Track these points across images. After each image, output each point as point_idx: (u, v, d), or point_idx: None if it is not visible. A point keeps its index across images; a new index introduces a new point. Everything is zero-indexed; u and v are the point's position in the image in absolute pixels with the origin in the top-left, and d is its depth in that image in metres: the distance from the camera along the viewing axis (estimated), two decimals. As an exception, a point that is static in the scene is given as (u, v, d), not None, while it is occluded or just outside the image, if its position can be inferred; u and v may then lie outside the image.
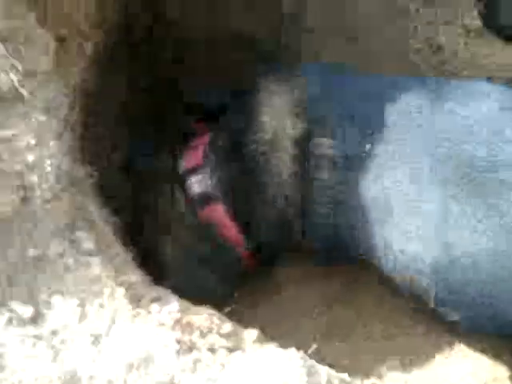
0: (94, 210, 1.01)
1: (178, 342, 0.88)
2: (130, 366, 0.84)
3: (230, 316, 1.03)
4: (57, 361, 0.83)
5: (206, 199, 1.27)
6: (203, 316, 0.97)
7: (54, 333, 0.85)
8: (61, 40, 1.05)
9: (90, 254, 0.93)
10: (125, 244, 1.06)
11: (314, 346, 1.01)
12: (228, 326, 0.98)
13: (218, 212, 1.26)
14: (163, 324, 0.91)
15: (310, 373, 0.91)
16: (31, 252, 0.90)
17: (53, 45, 0.99)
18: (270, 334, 1.00)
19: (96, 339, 0.86)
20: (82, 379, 0.82)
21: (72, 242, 0.92)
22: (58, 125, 0.95)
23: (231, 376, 0.88)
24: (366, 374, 1.08)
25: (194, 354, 0.88)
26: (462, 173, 1.05)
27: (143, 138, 1.44)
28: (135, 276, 0.98)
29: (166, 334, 0.89)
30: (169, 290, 1.01)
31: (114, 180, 1.29)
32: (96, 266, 0.92)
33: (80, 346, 0.85)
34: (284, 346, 0.96)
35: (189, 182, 1.29)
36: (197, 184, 1.28)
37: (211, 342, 0.93)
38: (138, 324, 0.89)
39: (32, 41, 0.96)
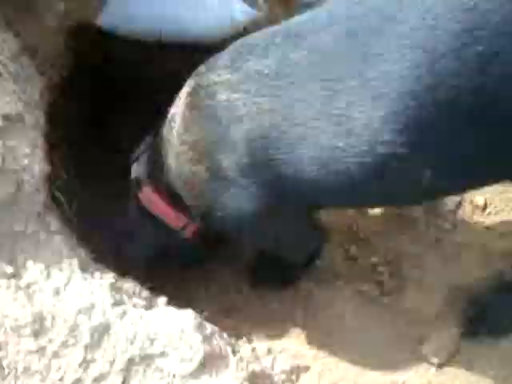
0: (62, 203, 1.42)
1: (113, 298, 1.30)
2: (80, 311, 1.25)
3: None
4: (30, 304, 1.22)
5: (138, 183, 1.50)
6: (131, 284, 1.40)
7: (28, 286, 1.25)
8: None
9: (55, 233, 1.33)
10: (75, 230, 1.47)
11: (205, 313, 1.45)
12: (147, 293, 1.41)
13: (148, 193, 1.48)
14: (103, 286, 1.32)
15: (199, 325, 1.36)
16: (16, 227, 1.29)
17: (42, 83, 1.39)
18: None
19: (57, 291, 1.26)
20: (46, 317, 1.22)
21: (44, 223, 1.32)
22: (42, 140, 1.35)
23: (146, 323, 1.30)
24: (241, 337, 1.54)
25: (123, 307, 1.30)
26: None
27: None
28: (84, 253, 1.39)
29: (105, 292, 1.30)
30: (104, 265, 1.43)
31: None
32: (59, 242, 1.33)
33: (46, 295, 1.25)
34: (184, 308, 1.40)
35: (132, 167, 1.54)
36: (133, 171, 1.53)
37: (135, 301, 1.35)
38: (86, 284, 1.30)
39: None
